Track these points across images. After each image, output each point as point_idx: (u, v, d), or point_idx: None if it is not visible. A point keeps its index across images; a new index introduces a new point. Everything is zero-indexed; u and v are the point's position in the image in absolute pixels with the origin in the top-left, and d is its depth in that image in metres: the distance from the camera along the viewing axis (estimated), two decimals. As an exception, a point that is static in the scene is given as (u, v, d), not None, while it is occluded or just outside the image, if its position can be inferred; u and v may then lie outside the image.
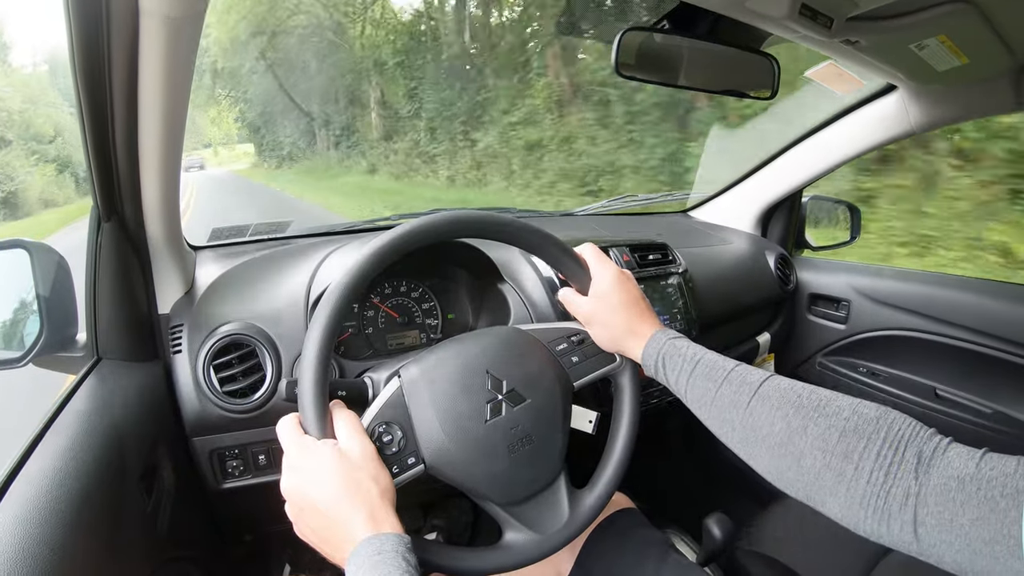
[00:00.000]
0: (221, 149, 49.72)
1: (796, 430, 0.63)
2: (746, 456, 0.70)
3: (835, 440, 0.60)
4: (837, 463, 0.59)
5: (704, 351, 0.77)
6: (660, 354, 0.79)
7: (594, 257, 0.88)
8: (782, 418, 0.65)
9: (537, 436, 0.78)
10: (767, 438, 0.66)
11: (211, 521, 1.09)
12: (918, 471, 0.53)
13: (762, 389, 0.69)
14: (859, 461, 0.57)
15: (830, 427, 0.61)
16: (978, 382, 1.47)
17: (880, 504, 0.55)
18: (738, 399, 0.70)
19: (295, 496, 0.65)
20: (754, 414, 0.68)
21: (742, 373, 0.72)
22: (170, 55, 0.70)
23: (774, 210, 1.87)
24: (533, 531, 0.77)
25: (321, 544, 0.64)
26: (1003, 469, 0.49)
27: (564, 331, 0.89)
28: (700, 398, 0.74)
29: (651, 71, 1.06)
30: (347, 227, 1.48)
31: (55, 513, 0.61)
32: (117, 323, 0.93)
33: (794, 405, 0.65)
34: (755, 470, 0.69)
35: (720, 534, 0.95)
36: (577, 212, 1.91)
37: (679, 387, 0.77)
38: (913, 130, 1.36)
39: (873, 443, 0.57)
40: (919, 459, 0.54)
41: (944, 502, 0.51)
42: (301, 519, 0.65)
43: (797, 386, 0.68)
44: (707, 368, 0.75)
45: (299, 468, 0.64)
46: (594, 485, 0.85)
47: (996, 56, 1.01)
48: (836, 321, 1.77)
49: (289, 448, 0.66)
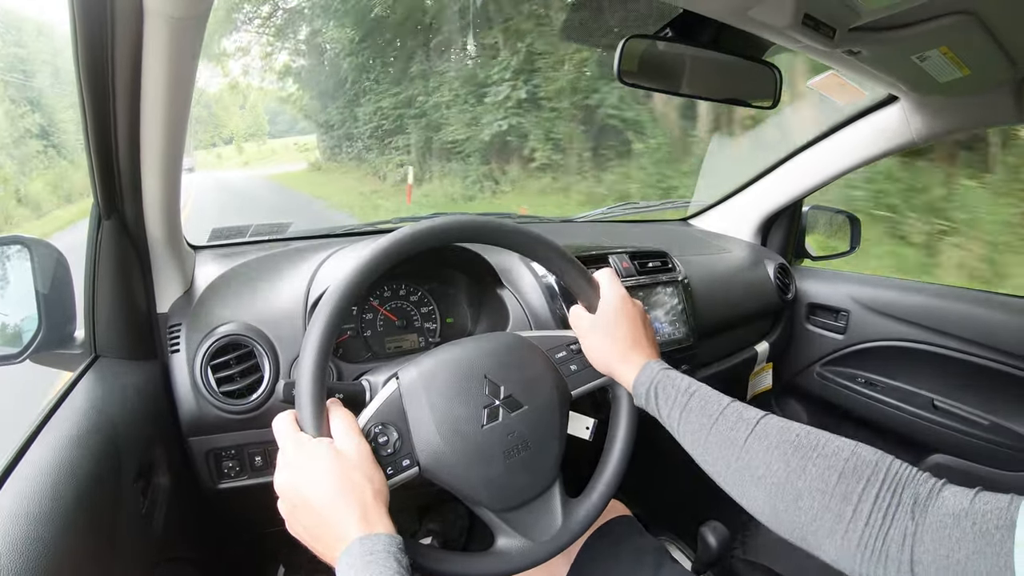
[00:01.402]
0: (247, 145, 43.47)
1: (795, 470, 0.63)
2: (739, 495, 0.69)
3: (834, 481, 0.59)
4: (836, 504, 0.58)
5: (699, 384, 0.76)
6: (653, 384, 0.78)
7: (607, 280, 0.87)
8: (780, 457, 0.64)
9: (533, 443, 0.78)
10: (764, 478, 0.65)
11: (207, 522, 1.09)
12: (914, 511, 0.53)
13: (759, 427, 0.68)
14: (858, 503, 0.57)
15: (829, 468, 0.60)
16: (976, 394, 1.47)
17: (878, 546, 0.54)
18: (734, 436, 0.69)
19: (289, 493, 0.64)
20: (751, 452, 0.67)
21: (738, 410, 0.71)
22: (173, 55, 0.71)
23: (774, 219, 1.88)
24: (525, 538, 0.77)
25: (313, 542, 0.64)
26: (996, 504, 0.49)
27: (563, 339, 0.89)
28: (694, 433, 0.73)
29: (653, 79, 1.06)
30: (347, 229, 1.48)
31: (49, 511, 0.61)
32: (115, 321, 0.93)
33: (792, 445, 0.65)
34: (748, 511, 0.68)
35: (715, 542, 0.95)
36: (577, 219, 1.91)
37: (671, 420, 0.76)
38: (915, 141, 1.37)
39: (872, 485, 0.57)
40: (915, 500, 0.54)
41: (940, 539, 0.50)
42: (294, 516, 0.65)
43: (794, 426, 0.67)
44: (702, 402, 0.74)
45: (293, 465, 0.64)
46: (589, 494, 0.84)
47: (997, 67, 1.02)
48: (835, 331, 1.77)
49: (284, 445, 0.66)
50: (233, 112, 44.48)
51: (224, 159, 42.02)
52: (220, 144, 44.72)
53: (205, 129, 43.20)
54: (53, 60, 28.12)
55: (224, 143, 45.09)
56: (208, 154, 42.47)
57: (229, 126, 44.91)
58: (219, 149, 44.13)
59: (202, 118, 41.69)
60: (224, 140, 45.17)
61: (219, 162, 41.05)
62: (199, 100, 39.35)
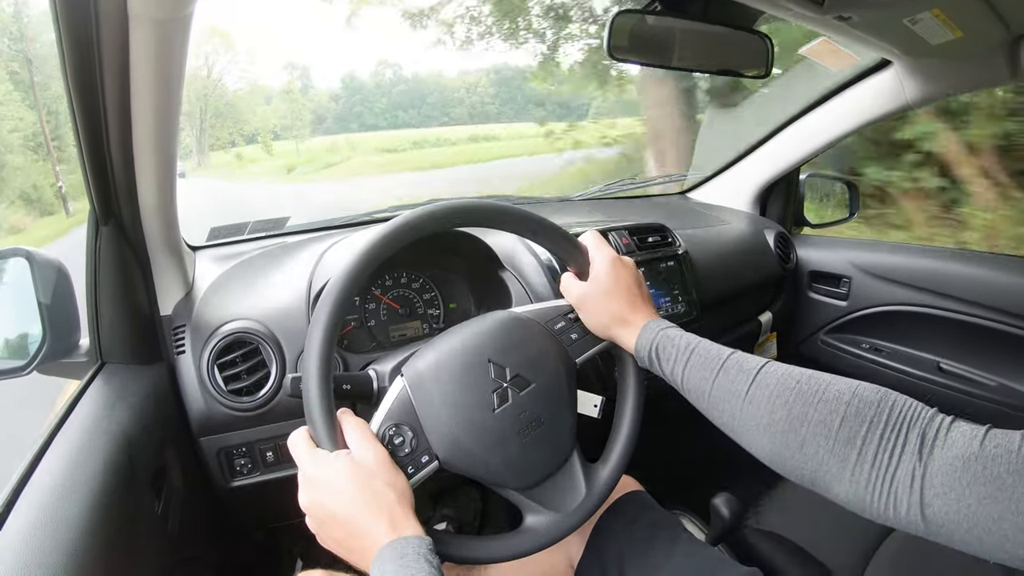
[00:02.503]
0: (277, 144, 32.54)
1: (797, 417, 0.63)
2: (747, 444, 0.69)
3: (837, 425, 0.59)
4: (841, 449, 0.59)
5: (698, 339, 0.77)
6: (653, 345, 0.78)
7: (593, 242, 0.87)
8: (783, 405, 0.65)
9: (546, 417, 0.78)
10: (769, 426, 0.65)
11: (221, 520, 1.10)
12: (922, 452, 0.53)
13: (760, 376, 0.68)
14: (863, 445, 0.57)
15: (831, 412, 0.61)
16: (981, 355, 1.48)
17: (886, 487, 0.54)
18: (736, 387, 0.69)
19: (315, 510, 0.65)
20: (754, 402, 0.67)
21: (738, 360, 0.72)
22: (160, 58, 0.70)
23: (772, 189, 1.87)
24: (553, 511, 0.77)
25: (346, 554, 0.64)
26: (1007, 446, 0.49)
27: (559, 309, 0.88)
28: (697, 388, 0.74)
29: (644, 53, 1.05)
30: (345, 220, 1.48)
31: (67, 519, 0.62)
32: (119, 327, 0.94)
33: (794, 391, 0.65)
34: (757, 457, 0.69)
35: (728, 514, 0.96)
36: (574, 197, 1.90)
37: (675, 378, 0.76)
38: (909, 104, 1.36)
39: (876, 426, 0.57)
40: (922, 440, 0.54)
41: (950, 482, 0.50)
42: (324, 531, 0.65)
43: (795, 371, 0.67)
44: (702, 357, 0.74)
45: (315, 482, 0.64)
46: (607, 458, 0.85)
47: (990, 28, 1.01)
48: (837, 298, 1.77)
49: (303, 463, 0.66)
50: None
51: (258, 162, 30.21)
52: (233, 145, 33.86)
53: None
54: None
55: (246, 142, 33.84)
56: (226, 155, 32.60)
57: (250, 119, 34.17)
58: (242, 148, 33.52)
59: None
60: (245, 138, 33.97)
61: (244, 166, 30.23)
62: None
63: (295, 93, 31.26)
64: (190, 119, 30.70)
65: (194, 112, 31.42)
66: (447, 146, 30.03)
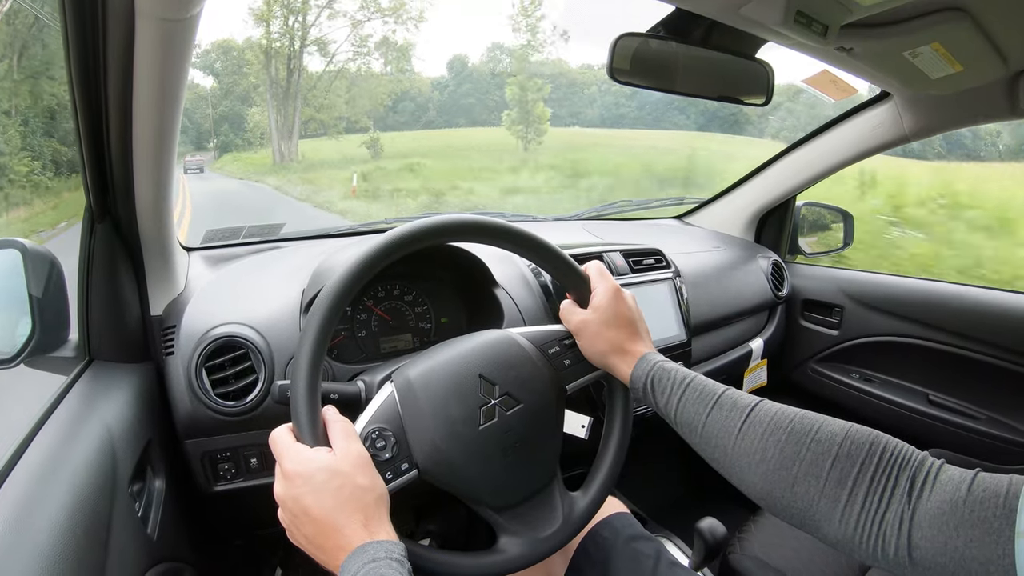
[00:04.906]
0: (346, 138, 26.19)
1: (789, 457, 0.63)
2: (737, 482, 0.69)
3: (828, 466, 0.60)
4: (831, 489, 0.59)
5: (694, 374, 0.77)
6: (649, 377, 0.78)
7: (596, 272, 0.87)
8: (775, 444, 0.65)
9: (531, 440, 0.77)
10: (760, 464, 0.65)
11: (202, 525, 1.09)
12: (911, 495, 0.54)
13: (753, 414, 0.68)
14: (853, 487, 0.57)
15: (823, 453, 0.61)
16: (971, 388, 1.48)
17: (875, 529, 0.55)
18: (729, 424, 0.69)
19: (289, 504, 0.64)
20: (746, 439, 0.67)
21: (733, 397, 0.72)
22: (165, 58, 0.70)
23: (768, 216, 1.88)
24: (528, 534, 0.77)
25: (315, 551, 0.63)
26: (995, 489, 0.50)
27: (556, 334, 0.88)
28: (690, 422, 0.73)
29: (646, 77, 1.06)
30: (341, 230, 1.48)
31: (45, 516, 0.61)
32: (109, 324, 0.93)
33: (786, 431, 0.65)
34: (747, 496, 0.69)
35: (712, 539, 0.95)
36: (570, 217, 1.91)
37: (668, 411, 0.76)
38: (907, 137, 1.37)
39: (867, 468, 0.57)
40: (912, 483, 0.54)
41: (938, 525, 0.51)
42: (295, 527, 0.64)
43: (789, 411, 0.68)
44: (697, 392, 0.74)
45: (293, 476, 0.63)
46: (588, 487, 0.84)
47: (990, 64, 1.02)
48: (829, 327, 1.78)
49: (282, 456, 0.65)
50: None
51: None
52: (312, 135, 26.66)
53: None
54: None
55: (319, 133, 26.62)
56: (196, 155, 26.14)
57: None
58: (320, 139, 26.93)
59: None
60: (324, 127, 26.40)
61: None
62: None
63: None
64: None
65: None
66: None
